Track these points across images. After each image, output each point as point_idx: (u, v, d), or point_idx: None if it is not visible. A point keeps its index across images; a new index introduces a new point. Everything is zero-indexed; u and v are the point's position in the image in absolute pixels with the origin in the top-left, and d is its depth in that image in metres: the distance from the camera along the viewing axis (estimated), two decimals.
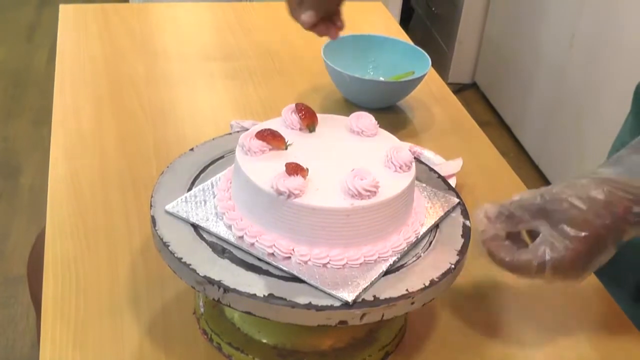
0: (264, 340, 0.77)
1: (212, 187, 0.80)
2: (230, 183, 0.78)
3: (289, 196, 0.69)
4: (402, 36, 1.53)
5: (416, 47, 1.35)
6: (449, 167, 1.08)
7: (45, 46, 3.27)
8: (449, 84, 1.41)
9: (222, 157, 0.85)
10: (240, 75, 1.36)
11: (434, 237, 0.78)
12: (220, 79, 1.35)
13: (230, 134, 0.90)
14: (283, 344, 0.77)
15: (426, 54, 1.31)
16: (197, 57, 1.42)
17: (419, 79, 1.26)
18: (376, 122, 0.83)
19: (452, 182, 1.04)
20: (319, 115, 0.82)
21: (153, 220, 0.75)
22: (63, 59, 1.35)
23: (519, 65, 2.83)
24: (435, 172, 0.88)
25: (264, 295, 0.67)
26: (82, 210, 0.99)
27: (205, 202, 0.77)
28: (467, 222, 0.80)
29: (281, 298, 0.67)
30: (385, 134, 0.83)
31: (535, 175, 2.66)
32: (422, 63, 1.29)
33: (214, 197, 0.78)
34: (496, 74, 3.05)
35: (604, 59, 2.29)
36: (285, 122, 0.81)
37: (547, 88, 2.65)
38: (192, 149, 0.86)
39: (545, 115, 2.66)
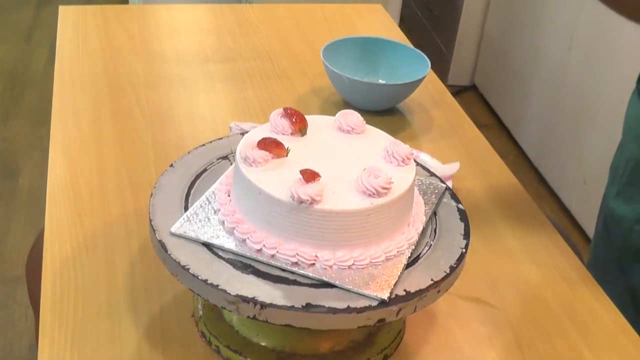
0: (263, 343, 0.77)
1: (209, 202, 0.78)
2: (229, 196, 0.77)
3: (310, 203, 0.69)
4: (402, 38, 1.53)
5: (415, 49, 1.35)
6: (445, 169, 1.08)
7: (44, 47, 3.26)
8: (448, 86, 1.41)
9: (205, 170, 0.84)
10: (239, 77, 1.36)
11: (436, 224, 0.80)
12: (219, 80, 1.35)
13: (204, 145, 0.89)
14: (282, 347, 0.77)
15: (425, 57, 1.31)
16: (196, 59, 1.42)
17: (419, 82, 1.26)
18: (363, 119, 0.83)
19: (449, 185, 1.04)
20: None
21: (162, 245, 0.73)
22: (62, 60, 1.35)
23: (518, 67, 2.83)
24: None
25: (302, 306, 0.67)
26: (81, 212, 0.99)
27: (208, 218, 0.76)
28: (460, 206, 0.83)
29: (320, 306, 0.67)
30: (373, 130, 0.84)
31: (534, 177, 2.66)
32: (421, 65, 1.29)
33: (215, 213, 0.77)
34: (495, 76, 3.05)
35: (603, 61, 2.29)
36: (275, 128, 0.80)
37: (546, 90, 2.65)
38: (172, 165, 0.85)
39: (544, 118, 2.66)
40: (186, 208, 0.78)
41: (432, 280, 0.71)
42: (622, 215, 1.06)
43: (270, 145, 0.75)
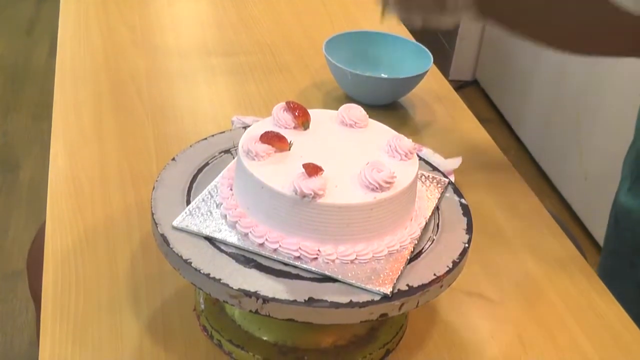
0: (265, 338, 0.77)
1: (212, 196, 0.78)
2: (232, 189, 0.77)
3: (313, 197, 0.69)
4: (404, 33, 1.53)
5: (418, 43, 1.34)
6: (447, 164, 1.08)
7: (45, 41, 3.26)
8: (450, 81, 1.41)
9: (207, 163, 0.84)
10: (241, 71, 1.35)
11: (439, 219, 0.80)
12: (221, 74, 1.34)
13: (206, 138, 0.88)
14: (284, 341, 0.77)
15: (428, 51, 1.31)
16: (198, 52, 1.41)
17: (421, 76, 1.26)
18: (365, 113, 0.83)
19: (451, 179, 1.04)
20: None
21: (164, 239, 0.72)
22: (63, 53, 1.35)
23: (520, 62, 2.82)
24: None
25: (304, 300, 0.66)
26: (82, 206, 0.98)
27: (211, 212, 0.75)
28: (463, 200, 0.83)
29: (322, 300, 0.67)
30: (375, 124, 0.84)
31: (535, 172, 2.66)
32: (423, 60, 1.29)
33: (217, 207, 0.76)
34: (497, 71, 3.04)
35: None
36: (278, 122, 0.80)
37: (547, 85, 2.65)
38: (173, 159, 0.84)
39: (546, 113, 2.66)
40: (188, 202, 0.78)
41: (434, 275, 0.71)
42: (631, 209, 1.06)
43: (273, 139, 0.75)
